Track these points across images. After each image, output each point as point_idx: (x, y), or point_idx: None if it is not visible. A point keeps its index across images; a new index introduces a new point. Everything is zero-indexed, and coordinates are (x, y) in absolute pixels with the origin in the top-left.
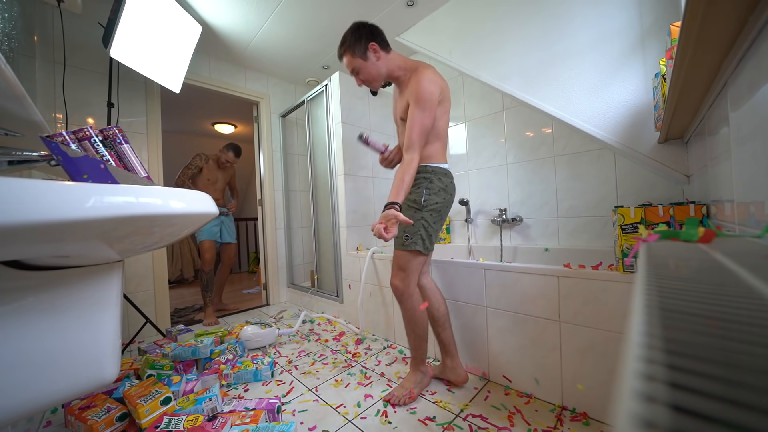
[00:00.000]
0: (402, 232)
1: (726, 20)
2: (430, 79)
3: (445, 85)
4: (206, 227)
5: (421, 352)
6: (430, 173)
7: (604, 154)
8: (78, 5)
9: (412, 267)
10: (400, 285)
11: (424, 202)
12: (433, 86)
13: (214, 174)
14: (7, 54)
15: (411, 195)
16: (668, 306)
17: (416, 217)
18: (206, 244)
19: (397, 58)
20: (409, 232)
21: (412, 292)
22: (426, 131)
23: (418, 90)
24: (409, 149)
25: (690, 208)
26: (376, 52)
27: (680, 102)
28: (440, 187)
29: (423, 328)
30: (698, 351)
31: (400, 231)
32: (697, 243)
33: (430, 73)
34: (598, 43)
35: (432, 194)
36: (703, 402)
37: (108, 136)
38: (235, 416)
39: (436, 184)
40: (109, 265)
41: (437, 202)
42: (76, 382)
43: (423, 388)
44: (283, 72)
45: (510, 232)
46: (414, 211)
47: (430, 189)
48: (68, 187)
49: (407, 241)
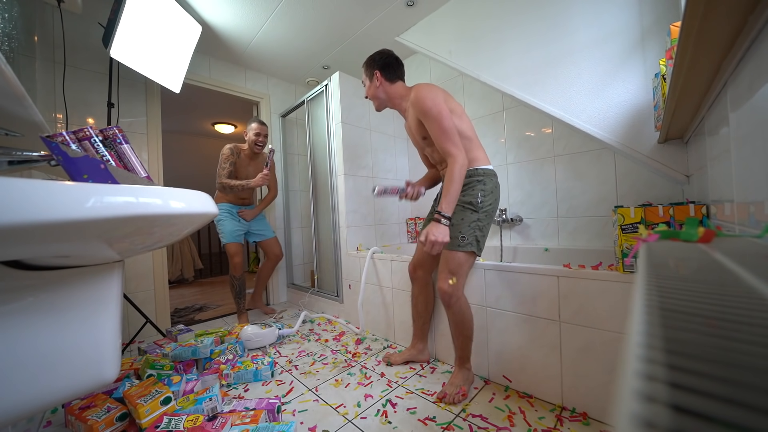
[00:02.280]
0: (457, 232)
1: (726, 20)
2: (425, 91)
3: (444, 92)
4: (228, 229)
5: (468, 351)
6: (482, 175)
7: (604, 154)
8: (78, 5)
9: (464, 270)
10: (449, 289)
11: (480, 204)
12: (430, 94)
13: (245, 171)
14: (8, 54)
15: (465, 197)
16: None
17: (472, 219)
18: (231, 248)
19: (400, 89)
20: (465, 232)
21: (461, 295)
22: (451, 130)
23: (419, 106)
24: (448, 155)
25: (690, 208)
26: (378, 79)
27: (680, 102)
28: (491, 189)
29: (471, 329)
30: (698, 351)
31: (455, 231)
32: (697, 243)
33: (422, 87)
34: (598, 42)
35: (486, 195)
36: (703, 402)
37: (108, 136)
38: (235, 416)
39: (488, 185)
40: (110, 265)
41: (491, 204)
42: (76, 381)
43: (471, 384)
44: (283, 72)
45: (510, 232)
46: (470, 212)
47: (485, 191)
48: (68, 187)
49: (463, 242)
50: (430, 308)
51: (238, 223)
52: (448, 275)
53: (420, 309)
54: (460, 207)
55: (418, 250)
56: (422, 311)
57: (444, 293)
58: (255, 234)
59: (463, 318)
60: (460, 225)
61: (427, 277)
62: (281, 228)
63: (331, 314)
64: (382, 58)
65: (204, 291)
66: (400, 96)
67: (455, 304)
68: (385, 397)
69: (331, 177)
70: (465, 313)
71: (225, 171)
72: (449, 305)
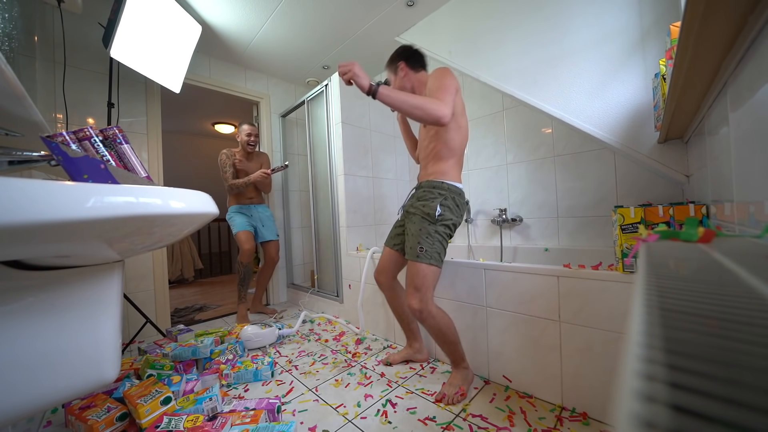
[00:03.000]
0: (416, 243)
1: (726, 20)
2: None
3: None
4: (238, 221)
5: (458, 353)
6: (446, 191)
7: (604, 154)
8: (78, 5)
9: (427, 283)
10: (418, 305)
11: (439, 216)
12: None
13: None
14: (8, 54)
15: (425, 207)
16: (668, 306)
17: (430, 230)
18: (242, 236)
19: (424, 77)
20: (424, 243)
21: (431, 309)
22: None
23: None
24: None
25: (690, 208)
26: (402, 69)
27: (680, 102)
28: (453, 206)
29: (453, 334)
30: (698, 351)
31: (413, 242)
32: (696, 243)
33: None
34: (598, 42)
35: (447, 210)
36: (703, 402)
37: (108, 136)
38: (235, 416)
39: (449, 202)
40: (110, 265)
41: (450, 219)
42: (77, 381)
43: (470, 383)
44: (283, 72)
45: (510, 232)
46: (428, 223)
47: (446, 205)
48: (68, 187)
49: (422, 253)
50: None
51: (249, 218)
52: (413, 291)
53: (399, 311)
54: (418, 217)
55: (382, 257)
56: (402, 312)
57: (414, 311)
58: (263, 228)
59: (440, 328)
60: (418, 235)
61: (391, 281)
62: (281, 228)
63: (331, 314)
64: (404, 50)
65: (204, 291)
66: (424, 83)
67: (427, 318)
68: (385, 397)
69: (331, 177)
70: (440, 323)
71: (229, 173)
72: (422, 320)
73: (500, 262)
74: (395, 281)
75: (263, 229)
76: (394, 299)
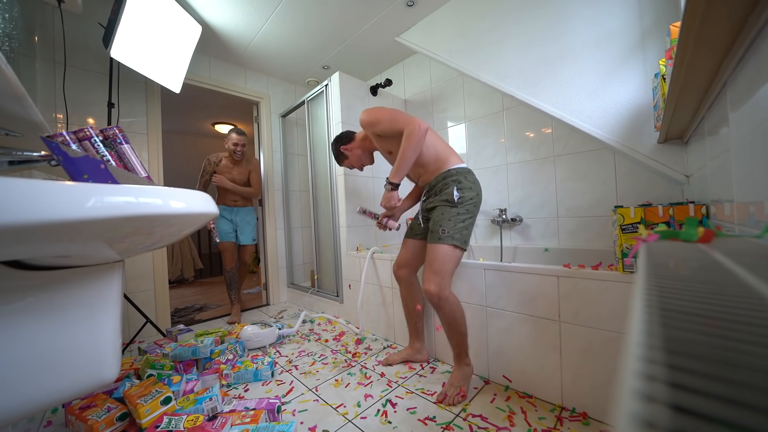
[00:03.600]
0: (438, 227)
1: (726, 20)
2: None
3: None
4: (221, 229)
5: (465, 346)
6: (456, 174)
7: (604, 154)
8: (78, 5)
9: (447, 268)
10: (435, 289)
11: (459, 199)
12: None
13: (229, 175)
14: (8, 54)
15: (442, 195)
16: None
17: (452, 213)
18: (222, 246)
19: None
20: (446, 225)
21: (449, 295)
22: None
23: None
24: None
25: (690, 208)
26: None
27: (680, 102)
28: (469, 184)
29: (464, 325)
30: (698, 351)
31: (436, 227)
32: (696, 243)
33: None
34: (598, 42)
35: (464, 190)
36: (703, 402)
37: (108, 136)
38: (235, 416)
39: (465, 182)
40: (110, 265)
41: (471, 198)
42: (77, 381)
43: (469, 380)
44: (283, 72)
45: (510, 232)
46: (449, 208)
47: (462, 186)
48: (68, 187)
49: (444, 234)
50: (421, 304)
51: (230, 222)
52: (432, 275)
53: (410, 308)
54: (439, 205)
55: (402, 250)
56: (412, 310)
57: (431, 295)
58: (240, 235)
59: (455, 316)
60: (441, 219)
61: (411, 276)
62: (281, 228)
63: (331, 314)
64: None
65: (204, 291)
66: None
67: (444, 304)
68: (385, 397)
69: (331, 177)
70: (456, 312)
71: (203, 180)
72: (438, 306)
73: (500, 262)
74: (414, 276)
75: (240, 235)
76: (408, 295)
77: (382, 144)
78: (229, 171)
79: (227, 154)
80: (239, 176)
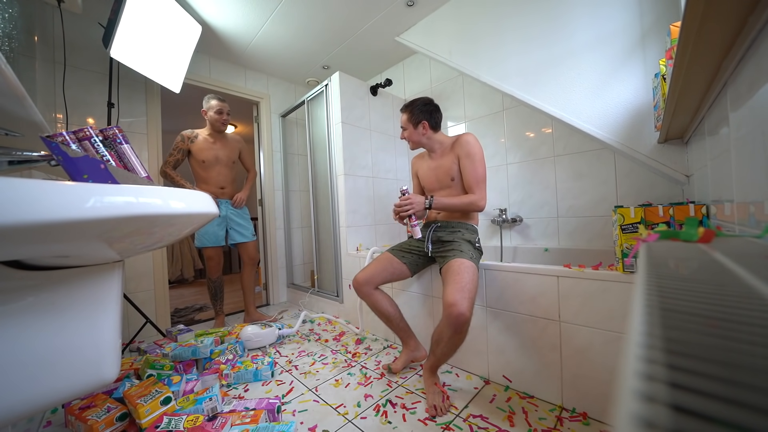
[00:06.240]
0: (460, 252)
1: (726, 20)
2: (476, 139)
3: None
4: (205, 230)
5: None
6: (476, 232)
7: (604, 154)
8: (78, 5)
9: (474, 286)
10: (468, 314)
11: (477, 245)
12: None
13: (211, 152)
14: (8, 54)
15: (466, 235)
16: (668, 306)
17: (470, 249)
18: (208, 252)
19: (441, 136)
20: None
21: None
22: (485, 177)
23: (468, 147)
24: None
25: (690, 208)
26: (425, 128)
27: (680, 102)
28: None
29: None
30: (698, 351)
31: (456, 246)
32: (697, 243)
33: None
34: (598, 42)
35: (478, 243)
36: (703, 402)
37: (108, 136)
38: (235, 416)
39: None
40: (110, 265)
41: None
42: (76, 382)
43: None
44: (283, 72)
45: (510, 232)
46: (469, 245)
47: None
48: (68, 187)
49: (466, 254)
50: (395, 305)
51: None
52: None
53: (386, 312)
54: (463, 241)
55: (370, 266)
56: (388, 313)
57: (464, 320)
58: (235, 232)
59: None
60: (461, 245)
61: (371, 289)
62: (281, 228)
63: (331, 314)
64: (428, 108)
65: (204, 291)
66: (440, 142)
67: (466, 327)
68: (385, 397)
69: (331, 177)
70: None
71: (171, 159)
72: (461, 331)
73: (500, 262)
74: (375, 288)
75: (234, 233)
76: (376, 303)
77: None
78: (210, 148)
79: (206, 128)
80: (224, 155)
